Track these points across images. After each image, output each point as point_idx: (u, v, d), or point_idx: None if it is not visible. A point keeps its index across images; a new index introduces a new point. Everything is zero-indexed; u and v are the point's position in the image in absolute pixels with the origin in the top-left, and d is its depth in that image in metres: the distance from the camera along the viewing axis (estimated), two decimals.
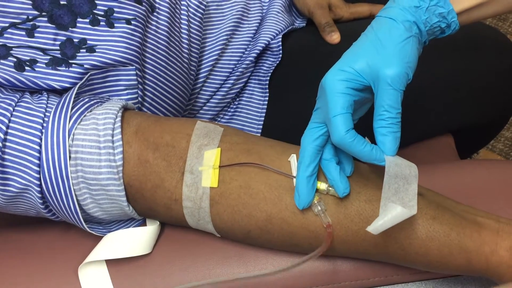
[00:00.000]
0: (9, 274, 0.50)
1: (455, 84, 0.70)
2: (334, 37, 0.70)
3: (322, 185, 0.45)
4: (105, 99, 0.52)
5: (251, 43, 0.69)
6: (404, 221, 0.41)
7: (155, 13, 0.57)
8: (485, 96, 0.73)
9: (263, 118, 0.69)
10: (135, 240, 0.49)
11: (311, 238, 0.46)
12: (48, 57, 0.50)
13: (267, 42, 0.69)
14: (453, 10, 0.46)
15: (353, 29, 0.72)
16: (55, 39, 0.51)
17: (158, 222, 0.51)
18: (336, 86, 0.43)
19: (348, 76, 0.43)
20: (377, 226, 0.40)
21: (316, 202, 0.45)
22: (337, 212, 0.45)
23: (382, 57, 0.43)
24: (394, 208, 0.40)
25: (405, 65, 0.42)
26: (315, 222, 0.45)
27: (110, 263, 0.49)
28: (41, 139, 0.45)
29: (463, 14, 0.47)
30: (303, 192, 0.44)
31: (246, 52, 0.69)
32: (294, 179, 0.45)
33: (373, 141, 0.44)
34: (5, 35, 0.50)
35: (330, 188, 0.45)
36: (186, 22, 0.61)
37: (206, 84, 0.66)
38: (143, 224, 0.52)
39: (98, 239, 0.50)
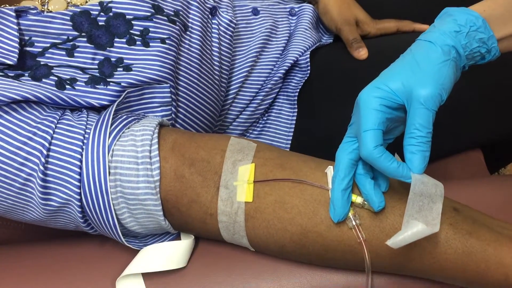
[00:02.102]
0: (46, 285, 0.51)
1: (484, 98, 0.70)
2: (362, 53, 0.71)
3: (358, 199, 0.46)
4: (141, 116, 0.53)
5: (280, 60, 0.71)
6: (439, 236, 0.41)
7: (188, 32, 0.59)
8: None
9: (291, 133, 0.70)
10: (170, 254, 0.49)
11: (346, 252, 0.46)
12: (87, 76, 0.52)
13: (295, 59, 0.70)
14: (493, 36, 0.46)
15: (380, 45, 0.73)
16: (93, 59, 0.53)
17: (193, 236, 0.52)
18: (371, 102, 0.44)
19: (383, 94, 0.44)
20: (396, 241, 0.41)
21: (351, 216, 0.45)
22: (372, 226, 0.45)
23: (417, 78, 0.43)
24: (415, 225, 0.41)
25: (439, 86, 0.43)
26: (351, 236, 0.46)
27: (146, 276, 0.50)
28: (81, 155, 0.47)
29: (504, 41, 0.48)
30: (338, 205, 0.44)
31: (274, 69, 0.70)
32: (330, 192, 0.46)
33: (403, 159, 0.44)
34: (46, 55, 0.53)
35: (365, 202, 0.45)
36: (217, 40, 0.62)
37: (236, 100, 0.67)
38: (178, 238, 0.53)
39: (134, 252, 0.51)
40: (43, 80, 0.51)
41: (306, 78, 0.70)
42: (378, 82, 0.45)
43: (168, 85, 0.54)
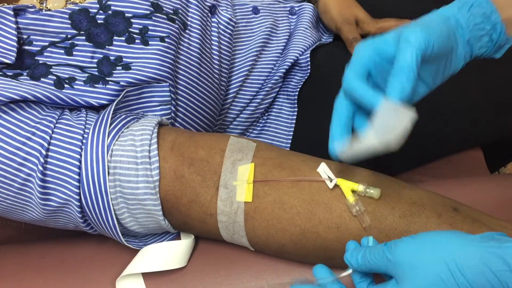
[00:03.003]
0: (47, 285, 0.51)
1: (483, 97, 0.70)
2: None
3: (360, 187, 0.46)
4: (140, 115, 0.53)
5: (280, 59, 0.70)
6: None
7: (187, 31, 0.58)
8: None
9: (292, 133, 0.69)
10: (171, 254, 0.49)
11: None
12: (86, 75, 0.52)
13: (295, 58, 0.70)
14: (495, 12, 0.46)
15: None
16: (92, 57, 0.53)
17: (193, 236, 0.52)
18: (364, 46, 0.44)
19: (378, 41, 0.43)
20: (348, 153, 0.41)
21: (354, 203, 0.45)
22: (371, 227, 0.45)
23: (408, 26, 0.43)
24: (369, 138, 0.40)
25: (427, 30, 0.42)
26: (350, 235, 0.46)
27: (146, 275, 0.50)
28: (81, 155, 0.46)
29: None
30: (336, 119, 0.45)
31: (275, 68, 0.70)
32: (328, 181, 0.46)
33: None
34: (45, 54, 0.52)
35: (367, 190, 0.46)
36: (216, 39, 0.62)
37: (236, 100, 0.67)
38: (178, 237, 0.53)
39: (133, 251, 0.51)
40: (42, 79, 0.51)
41: (306, 77, 0.70)
42: (377, 37, 0.44)
43: (168, 84, 0.54)
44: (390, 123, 0.40)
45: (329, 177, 0.47)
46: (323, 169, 0.47)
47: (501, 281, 0.34)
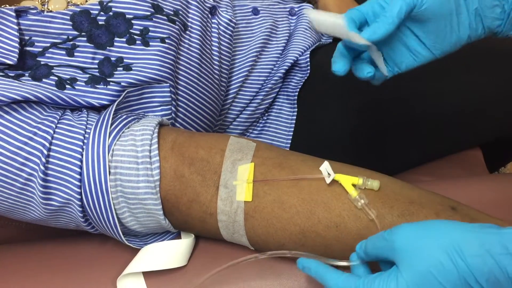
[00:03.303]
0: (49, 284, 0.51)
1: (482, 97, 0.70)
2: None
3: (360, 180, 0.46)
4: (141, 115, 0.53)
5: (280, 60, 0.71)
6: None
7: (187, 32, 0.59)
8: None
9: (291, 133, 0.70)
10: (171, 253, 0.50)
11: (346, 251, 0.46)
12: (87, 76, 0.52)
13: (295, 58, 0.70)
14: None
15: None
16: (93, 58, 0.53)
17: (193, 235, 0.52)
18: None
19: None
20: (317, 18, 0.48)
21: (357, 197, 0.46)
22: (370, 225, 0.46)
23: None
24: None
25: None
26: (349, 235, 0.46)
27: (146, 274, 0.50)
28: (82, 155, 0.47)
29: None
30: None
31: (274, 69, 0.70)
32: (326, 177, 0.47)
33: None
34: (46, 55, 0.53)
35: (367, 182, 0.46)
36: (216, 40, 0.63)
37: (236, 100, 0.67)
38: (178, 236, 0.53)
39: (134, 251, 0.51)
40: (43, 80, 0.51)
41: (306, 77, 0.70)
42: None
43: (168, 84, 0.54)
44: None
45: (328, 174, 0.47)
46: (325, 167, 0.48)
47: (499, 266, 0.34)
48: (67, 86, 0.52)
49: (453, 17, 0.47)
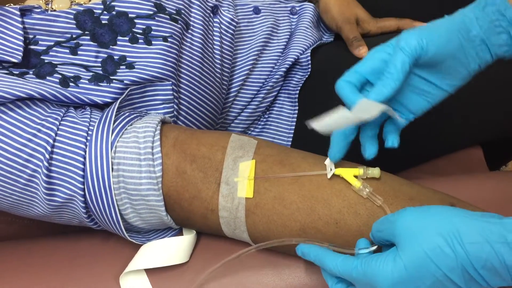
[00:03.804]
0: (52, 280, 0.52)
1: (484, 96, 0.71)
2: (362, 51, 0.72)
3: (360, 171, 0.47)
4: (143, 113, 0.54)
5: (281, 58, 0.71)
6: None
7: (189, 31, 0.59)
8: None
9: (292, 131, 0.70)
10: (173, 249, 0.50)
11: (345, 247, 0.47)
12: (91, 74, 0.53)
13: (296, 57, 0.70)
14: (510, 8, 0.45)
15: (380, 43, 0.73)
16: (96, 57, 0.54)
17: (195, 232, 0.53)
18: (375, 51, 0.47)
19: (390, 50, 0.46)
20: (320, 123, 0.45)
21: (361, 186, 0.47)
22: (369, 221, 0.46)
23: (407, 31, 0.45)
24: (339, 110, 0.44)
25: (419, 35, 0.44)
26: (348, 231, 0.46)
27: (148, 271, 0.51)
28: (85, 152, 0.47)
29: None
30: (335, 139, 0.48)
31: (276, 67, 0.71)
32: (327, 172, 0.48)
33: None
34: (50, 53, 0.53)
35: (368, 171, 0.47)
36: (218, 39, 0.63)
37: (238, 98, 0.68)
38: (180, 233, 0.54)
39: (137, 247, 0.52)
40: (47, 77, 0.52)
41: (307, 76, 0.71)
42: (390, 41, 0.47)
43: (170, 82, 0.55)
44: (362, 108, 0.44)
45: (331, 169, 0.48)
46: (329, 162, 0.48)
47: (497, 254, 0.35)
48: (71, 84, 0.52)
49: (460, 53, 0.46)
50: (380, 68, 0.46)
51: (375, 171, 0.48)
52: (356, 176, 0.48)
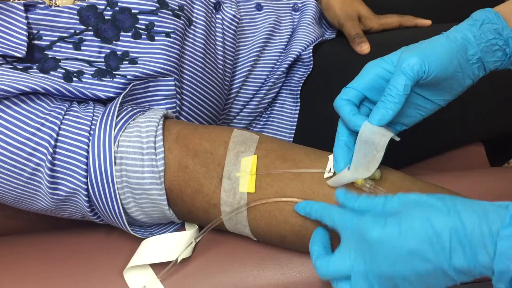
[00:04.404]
0: (56, 274, 0.52)
1: (485, 93, 0.71)
2: (364, 48, 0.72)
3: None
4: (146, 108, 0.54)
5: (283, 55, 0.71)
6: None
7: (192, 27, 0.60)
8: None
9: (294, 127, 0.71)
10: (176, 244, 0.51)
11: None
12: (94, 69, 0.53)
13: (298, 53, 0.71)
14: (507, 26, 0.47)
15: (382, 39, 0.74)
16: (100, 52, 0.54)
17: (197, 226, 0.53)
18: (370, 67, 0.48)
19: (386, 66, 0.47)
20: (333, 180, 0.47)
21: (363, 182, 0.47)
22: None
23: (409, 50, 0.45)
24: (348, 172, 0.46)
25: (422, 57, 0.44)
26: None
27: (152, 265, 0.51)
28: (88, 146, 0.48)
29: None
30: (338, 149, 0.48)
31: (278, 63, 0.71)
32: (327, 172, 0.48)
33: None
34: (54, 48, 0.54)
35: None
36: (221, 35, 0.63)
37: (240, 94, 0.68)
38: (182, 227, 0.54)
39: (139, 241, 0.52)
40: (51, 72, 0.52)
41: (308, 72, 0.71)
42: (387, 56, 0.47)
43: (173, 78, 0.55)
44: (365, 158, 0.45)
45: (331, 169, 0.48)
46: (330, 162, 0.49)
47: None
48: (74, 78, 0.53)
49: (457, 73, 0.46)
50: (378, 84, 0.47)
51: (376, 173, 0.48)
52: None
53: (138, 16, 0.55)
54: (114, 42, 0.54)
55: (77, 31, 0.54)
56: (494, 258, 0.34)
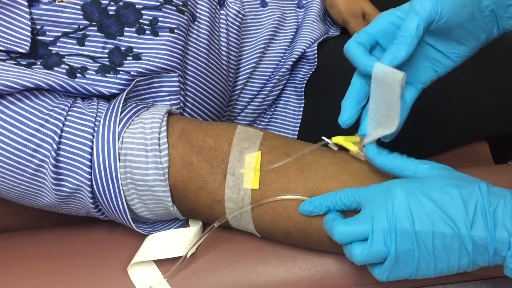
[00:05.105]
0: (60, 270, 0.52)
1: (489, 90, 0.70)
2: None
3: (357, 138, 0.49)
4: (150, 104, 0.54)
5: (287, 52, 0.71)
6: None
7: (196, 22, 0.59)
8: None
9: (298, 124, 0.70)
10: (180, 240, 0.51)
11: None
12: (98, 65, 0.53)
13: (302, 51, 0.70)
14: None
15: None
16: (103, 47, 0.54)
17: (201, 223, 0.53)
18: (383, 16, 0.47)
19: (399, 13, 0.47)
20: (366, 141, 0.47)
21: (359, 150, 0.48)
22: None
23: None
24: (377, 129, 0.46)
25: (434, 0, 0.43)
26: None
27: (156, 261, 0.51)
28: (92, 142, 0.48)
29: None
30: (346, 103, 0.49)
31: (282, 60, 0.71)
32: (332, 145, 0.49)
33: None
34: (57, 44, 0.54)
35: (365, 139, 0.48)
36: (225, 31, 0.63)
37: (244, 91, 0.68)
38: (186, 224, 0.54)
39: (143, 237, 0.52)
40: (55, 68, 0.52)
41: (313, 69, 0.71)
42: (401, 6, 0.47)
43: (177, 74, 0.55)
44: (383, 100, 0.45)
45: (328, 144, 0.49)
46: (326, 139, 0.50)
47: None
48: (78, 74, 0.52)
49: (470, 23, 0.46)
50: (391, 31, 0.46)
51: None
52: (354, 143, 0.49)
53: (142, 12, 0.55)
54: (118, 37, 0.54)
55: (81, 27, 0.54)
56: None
